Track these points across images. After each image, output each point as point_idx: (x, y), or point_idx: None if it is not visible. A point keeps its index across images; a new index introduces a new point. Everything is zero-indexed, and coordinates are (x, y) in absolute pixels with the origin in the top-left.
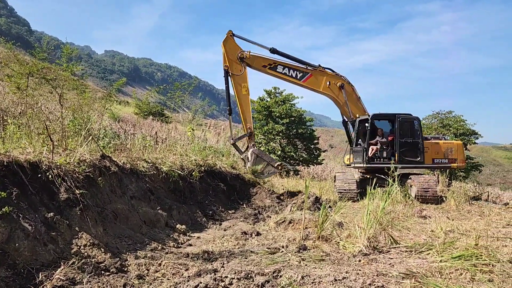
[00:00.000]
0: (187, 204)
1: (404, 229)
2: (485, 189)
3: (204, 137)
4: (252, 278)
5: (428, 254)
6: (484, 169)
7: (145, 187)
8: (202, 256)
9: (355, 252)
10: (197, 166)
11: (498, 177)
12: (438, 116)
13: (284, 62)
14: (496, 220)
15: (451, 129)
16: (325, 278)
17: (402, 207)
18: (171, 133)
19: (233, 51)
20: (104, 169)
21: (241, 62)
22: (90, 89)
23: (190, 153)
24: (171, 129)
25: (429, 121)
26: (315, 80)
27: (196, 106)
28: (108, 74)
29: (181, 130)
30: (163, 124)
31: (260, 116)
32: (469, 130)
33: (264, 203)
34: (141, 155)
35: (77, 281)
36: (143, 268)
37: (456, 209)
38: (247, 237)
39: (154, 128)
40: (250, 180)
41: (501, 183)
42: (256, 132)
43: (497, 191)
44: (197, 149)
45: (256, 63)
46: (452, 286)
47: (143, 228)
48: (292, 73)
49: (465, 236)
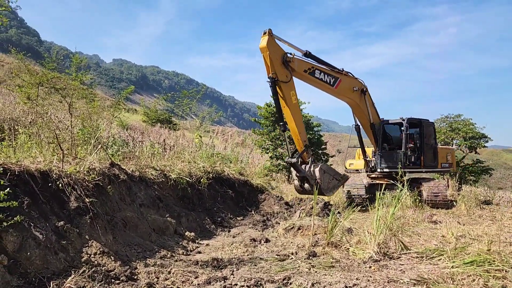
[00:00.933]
0: (196, 211)
1: (414, 235)
2: (496, 193)
3: (211, 144)
4: (262, 285)
5: (440, 260)
6: (494, 173)
7: (153, 194)
8: (211, 264)
9: (365, 259)
10: (205, 173)
11: (509, 181)
12: (447, 120)
13: (320, 67)
14: (509, 224)
15: (460, 133)
16: (335, 285)
17: (412, 212)
18: (179, 140)
19: (277, 54)
20: (113, 177)
21: (286, 67)
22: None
23: (198, 160)
24: (179, 136)
25: (438, 124)
26: (344, 85)
27: (203, 113)
28: (117, 83)
29: (189, 137)
30: (171, 131)
31: (267, 122)
32: (479, 133)
33: (273, 210)
34: (150, 163)
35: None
36: (152, 276)
37: (467, 214)
38: (256, 244)
39: (162, 135)
40: (258, 186)
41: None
42: (264, 138)
43: (508, 195)
44: (205, 156)
45: (299, 68)
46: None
47: (152, 235)
48: (326, 79)
49: (476, 241)
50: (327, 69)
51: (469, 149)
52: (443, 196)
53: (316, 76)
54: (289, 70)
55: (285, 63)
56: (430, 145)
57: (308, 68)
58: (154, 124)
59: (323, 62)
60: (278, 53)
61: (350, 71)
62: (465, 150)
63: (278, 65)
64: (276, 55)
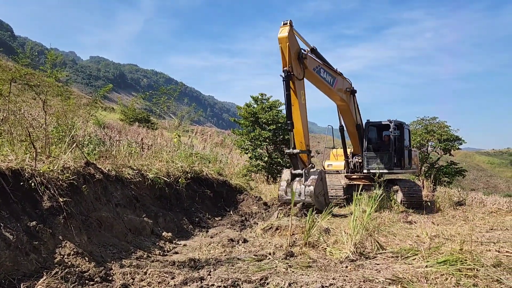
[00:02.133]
0: (173, 212)
1: (390, 235)
2: (469, 194)
3: (190, 144)
4: (239, 285)
5: (414, 260)
6: (467, 174)
7: (130, 194)
8: (188, 264)
9: (342, 258)
10: (184, 173)
11: (481, 182)
12: (423, 122)
13: (324, 65)
14: (480, 225)
15: (435, 135)
16: (312, 285)
17: (388, 213)
18: (157, 140)
19: (294, 48)
20: (88, 177)
21: (300, 63)
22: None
23: (176, 160)
24: (157, 135)
25: (413, 127)
26: (339, 85)
27: (182, 112)
28: (93, 80)
29: (167, 136)
30: (149, 131)
31: (246, 122)
32: (453, 136)
33: (251, 210)
34: (127, 162)
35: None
36: (128, 277)
37: (441, 214)
38: (234, 244)
39: (140, 134)
40: (237, 186)
41: (484, 188)
42: (243, 138)
43: (480, 196)
44: (184, 155)
45: (310, 65)
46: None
47: (128, 236)
48: (328, 78)
49: (450, 241)
50: (328, 68)
51: (443, 151)
52: (418, 197)
53: (321, 75)
54: (302, 67)
55: (300, 59)
56: (407, 147)
57: (316, 66)
58: (132, 123)
59: (324, 60)
60: (295, 48)
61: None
62: (440, 152)
63: (295, 59)
64: (294, 49)
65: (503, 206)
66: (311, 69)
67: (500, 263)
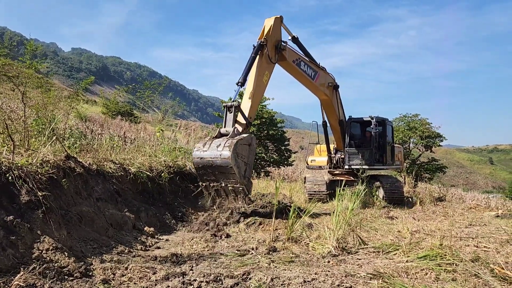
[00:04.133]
0: (156, 206)
1: (372, 230)
2: (449, 190)
3: (174, 138)
4: (221, 281)
5: (395, 255)
6: (448, 171)
7: (112, 188)
8: (170, 259)
9: (324, 253)
10: (167, 167)
11: (461, 178)
12: (405, 119)
13: (304, 58)
14: (459, 220)
15: (417, 132)
16: (294, 279)
17: (370, 208)
18: (140, 134)
19: (275, 34)
20: (68, 170)
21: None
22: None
23: (159, 154)
24: (140, 129)
25: (396, 123)
26: (321, 80)
27: (166, 106)
28: (75, 73)
29: (150, 130)
30: (132, 124)
31: None
32: (434, 132)
33: (235, 205)
34: (108, 156)
35: (38, 287)
36: (109, 272)
37: (422, 210)
38: (217, 239)
39: (122, 128)
40: None
41: (463, 184)
42: None
43: (460, 192)
44: (167, 150)
45: (289, 57)
46: (418, 285)
47: (109, 231)
48: (309, 71)
49: (430, 236)
50: (309, 62)
51: (425, 147)
52: (400, 193)
53: (301, 67)
54: (276, 56)
55: (277, 49)
56: (389, 143)
57: (296, 59)
58: (114, 116)
59: (306, 52)
60: (276, 34)
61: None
62: (421, 148)
63: (272, 46)
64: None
65: (482, 202)
66: (290, 61)
67: (478, 258)
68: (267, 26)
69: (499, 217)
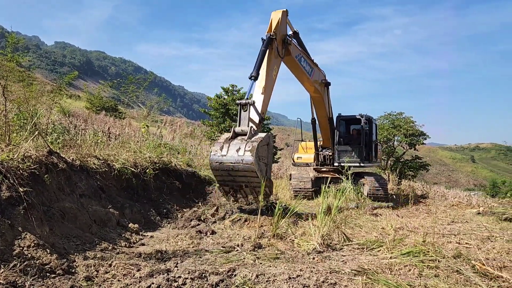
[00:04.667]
0: (141, 203)
1: (356, 227)
2: (432, 187)
3: (159, 134)
4: (206, 277)
5: (379, 251)
6: (431, 169)
7: (95, 184)
8: (155, 256)
9: (309, 250)
10: (152, 163)
11: (443, 176)
12: (390, 117)
13: (304, 53)
14: (442, 217)
15: (401, 130)
16: (279, 276)
17: (355, 205)
18: (125, 129)
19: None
20: (51, 166)
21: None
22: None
23: (144, 150)
24: (125, 125)
25: (381, 121)
26: (316, 76)
27: (151, 102)
28: (58, 67)
29: (135, 126)
30: (117, 120)
31: (217, 113)
32: (418, 131)
33: (220, 201)
34: (92, 152)
35: (19, 285)
36: (92, 269)
37: (405, 207)
38: (202, 236)
39: (107, 123)
40: (206, 178)
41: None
42: (213, 130)
43: (442, 190)
44: (152, 146)
45: (293, 52)
46: (401, 282)
47: (93, 227)
48: (307, 67)
49: (413, 233)
50: (307, 58)
51: (409, 145)
52: (384, 190)
53: (301, 63)
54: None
55: (284, 43)
56: (374, 141)
57: (298, 54)
58: (98, 111)
59: (305, 48)
60: (283, 30)
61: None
62: (405, 146)
63: (280, 40)
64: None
65: (463, 200)
66: (294, 56)
67: (460, 254)
68: (275, 20)
69: (480, 214)
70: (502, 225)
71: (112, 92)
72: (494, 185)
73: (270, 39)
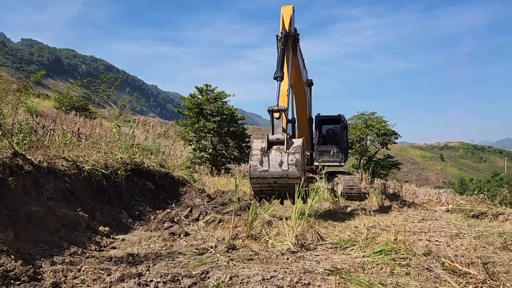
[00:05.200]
0: (112, 205)
1: (330, 226)
2: (403, 185)
3: (132, 134)
4: (179, 280)
5: (352, 250)
6: (402, 167)
7: (64, 187)
8: (126, 260)
9: (283, 250)
10: (124, 164)
11: (414, 175)
12: (363, 117)
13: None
14: (413, 215)
15: (373, 129)
16: (253, 277)
17: (329, 204)
18: (96, 130)
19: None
20: (16, 168)
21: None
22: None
23: (116, 151)
24: (95, 125)
25: (354, 121)
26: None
27: (123, 101)
28: (25, 65)
29: (107, 126)
30: (87, 120)
31: (191, 113)
32: (390, 130)
33: (194, 203)
34: (61, 153)
35: None
36: (60, 275)
37: (378, 206)
38: (175, 238)
39: (76, 124)
40: (179, 179)
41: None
42: (187, 130)
43: (413, 188)
44: (124, 146)
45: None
46: (374, 281)
47: (61, 231)
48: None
49: (385, 232)
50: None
51: (381, 145)
52: (357, 189)
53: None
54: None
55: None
56: (346, 140)
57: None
58: (68, 111)
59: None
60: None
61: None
62: (378, 145)
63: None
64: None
65: (433, 197)
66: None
67: (430, 252)
68: (287, 16)
69: (449, 211)
70: (469, 222)
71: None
72: (462, 182)
73: (287, 37)
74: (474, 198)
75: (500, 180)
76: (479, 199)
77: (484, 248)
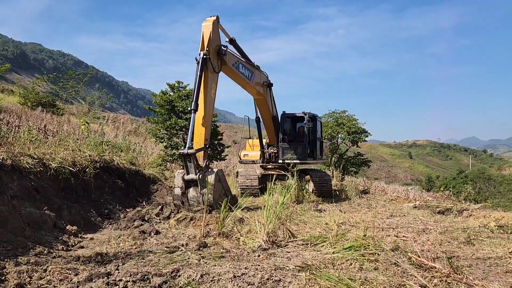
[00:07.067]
0: (80, 203)
1: (301, 223)
2: (373, 183)
3: (101, 131)
4: (148, 279)
5: (322, 246)
6: (372, 165)
7: (29, 185)
8: (94, 259)
9: (254, 248)
10: (92, 162)
11: (383, 172)
12: (334, 115)
13: (242, 60)
14: (382, 211)
15: (344, 128)
16: (224, 275)
17: (300, 202)
18: (63, 126)
19: (216, 40)
20: None
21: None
22: None
23: (84, 149)
24: (63, 122)
25: (325, 119)
26: (257, 79)
27: (92, 98)
28: None
29: (75, 123)
30: (55, 117)
31: (162, 110)
32: (360, 128)
33: (165, 200)
34: (26, 150)
35: None
36: (24, 276)
37: (348, 202)
38: (146, 236)
39: (43, 120)
40: (150, 176)
41: (386, 177)
42: (158, 127)
43: (382, 185)
44: (93, 144)
45: (230, 61)
46: (343, 276)
47: (26, 231)
48: (246, 73)
49: (355, 228)
50: (246, 62)
51: (351, 143)
52: (328, 186)
53: (239, 70)
54: (219, 63)
55: (219, 55)
56: (319, 138)
57: (235, 62)
58: (34, 107)
59: (243, 53)
60: (216, 42)
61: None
62: (348, 143)
63: (214, 54)
64: (215, 43)
65: (401, 194)
66: (230, 64)
67: (397, 247)
68: (206, 34)
69: (416, 207)
70: (435, 218)
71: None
72: (429, 179)
73: (204, 60)
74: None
75: (465, 177)
76: (445, 195)
77: (449, 243)
